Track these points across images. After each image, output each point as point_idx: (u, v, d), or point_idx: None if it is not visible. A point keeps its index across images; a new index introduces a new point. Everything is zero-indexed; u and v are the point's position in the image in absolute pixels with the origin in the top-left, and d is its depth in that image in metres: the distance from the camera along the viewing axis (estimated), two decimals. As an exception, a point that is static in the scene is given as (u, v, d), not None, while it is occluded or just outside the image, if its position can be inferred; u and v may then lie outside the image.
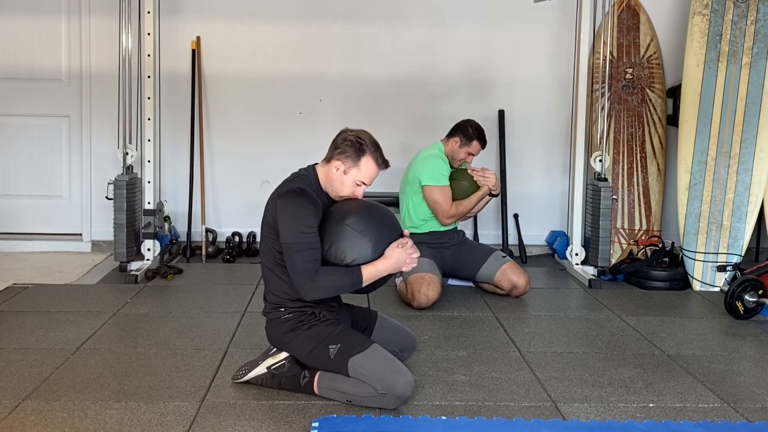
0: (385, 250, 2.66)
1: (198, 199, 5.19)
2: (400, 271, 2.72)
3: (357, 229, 2.64)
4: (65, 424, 2.46)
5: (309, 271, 2.59)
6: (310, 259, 2.59)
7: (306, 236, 2.59)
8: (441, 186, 4.11)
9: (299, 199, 2.63)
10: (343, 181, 2.71)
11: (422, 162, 4.17)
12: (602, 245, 4.54)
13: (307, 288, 2.60)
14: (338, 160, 2.69)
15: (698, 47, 4.58)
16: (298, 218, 2.61)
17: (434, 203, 4.12)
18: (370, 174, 2.72)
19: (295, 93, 5.24)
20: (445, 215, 4.12)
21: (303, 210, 2.61)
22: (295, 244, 2.59)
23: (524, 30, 5.27)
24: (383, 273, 2.67)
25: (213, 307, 3.90)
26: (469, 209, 4.17)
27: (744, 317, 3.82)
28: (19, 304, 3.89)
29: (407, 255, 2.69)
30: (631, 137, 5.05)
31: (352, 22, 5.24)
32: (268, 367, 2.75)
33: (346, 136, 2.72)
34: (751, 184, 4.48)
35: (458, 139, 4.21)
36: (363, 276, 2.62)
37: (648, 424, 2.55)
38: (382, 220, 2.73)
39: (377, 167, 2.73)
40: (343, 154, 2.68)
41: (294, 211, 2.62)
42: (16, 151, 5.24)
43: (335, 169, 2.70)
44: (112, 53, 4.87)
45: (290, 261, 2.61)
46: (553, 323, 3.76)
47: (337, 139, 2.74)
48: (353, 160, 2.68)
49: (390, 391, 2.55)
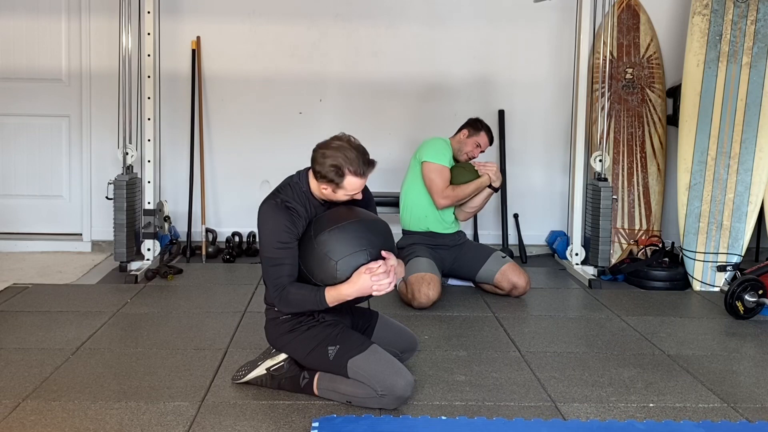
0: (353, 274, 2.58)
1: (198, 199, 5.19)
2: (370, 295, 2.62)
3: (324, 250, 2.58)
4: (65, 424, 2.46)
5: (278, 286, 2.62)
6: (282, 274, 2.61)
7: (280, 251, 2.60)
8: (440, 165, 4.11)
9: (278, 213, 2.62)
10: (335, 197, 2.68)
11: (426, 143, 4.21)
12: (602, 245, 4.54)
13: (277, 301, 2.65)
14: (321, 185, 2.65)
15: (698, 47, 4.58)
16: (274, 233, 2.61)
17: (431, 181, 4.10)
18: (357, 187, 2.66)
19: (295, 93, 5.24)
20: (439, 194, 4.08)
21: (280, 225, 2.61)
22: (269, 258, 2.63)
23: (524, 30, 5.28)
24: (347, 297, 2.59)
25: (213, 307, 3.90)
26: (466, 195, 4.13)
27: (744, 317, 3.82)
28: (19, 304, 3.89)
29: (373, 282, 2.56)
30: (631, 137, 5.05)
31: (352, 22, 5.24)
32: (267, 368, 2.75)
33: (324, 162, 2.59)
34: (751, 184, 4.48)
35: (466, 131, 4.26)
36: (326, 298, 2.59)
37: (648, 424, 2.55)
38: (354, 241, 2.60)
39: (363, 178, 2.66)
40: (325, 179, 2.62)
41: (272, 226, 2.63)
42: (16, 151, 5.24)
43: (324, 189, 2.66)
44: (112, 53, 4.87)
45: (264, 272, 2.67)
46: (553, 323, 3.76)
47: (316, 163, 2.62)
48: (336, 184, 2.62)
49: (390, 392, 2.55)
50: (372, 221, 2.72)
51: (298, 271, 2.65)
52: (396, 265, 2.67)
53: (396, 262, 2.67)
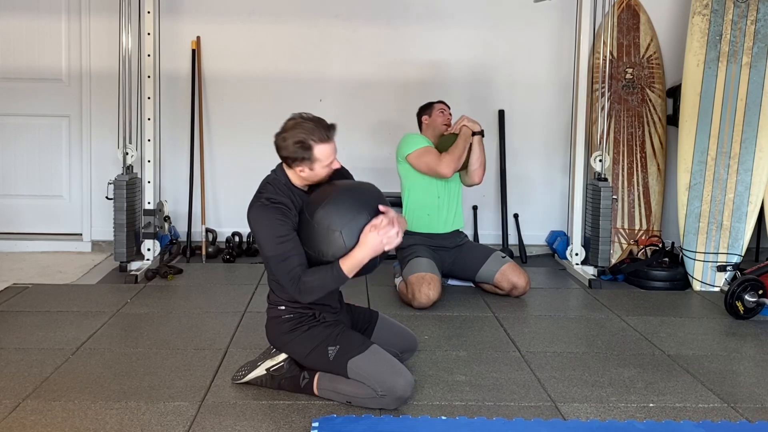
0: (360, 237, 2.59)
1: (198, 199, 5.19)
2: (384, 252, 2.62)
3: (325, 225, 2.59)
4: (65, 424, 2.46)
5: (294, 279, 2.59)
6: (293, 266, 2.58)
7: (282, 246, 2.59)
8: (423, 147, 4.11)
9: (268, 211, 2.62)
10: (317, 175, 2.68)
11: (400, 143, 4.20)
12: (602, 245, 4.54)
13: (297, 294, 2.61)
14: (297, 167, 2.66)
15: (698, 47, 4.58)
16: (270, 230, 2.60)
17: (425, 164, 4.08)
18: (330, 153, 2.66)
19: (295, 93, 5.23)
20: (439, 164, 4.03)
21: (273, 221, 2.60)
22: (274, 256, 2.60)
23: (524, 30, 5.28)
24: (364, 260, 2.59)
25: (213, 307, 3.90)
26: (461, 152, 4.06)
27: (744, 317, 3.82)
28: (19, 304, 3.89)
29: (381, 237, 2.57)
30: (631, 137, 5.05)
31: (352, 22, 5.25)
32: (267, 369, 2.75)
33: (286, 145, 2.63)
34: (751, 184, 4.48)
35: (425, 116, 4.34)
36: (343, 269, 2.57)
37: (648, 424, 2.55)
38: (350, 207, 2.61)
39: (330, 143, 2.66)
40: (296, 160, 2.63)
41: (266, 224, 2.61)
42: (16, 151, 5.24)
43: (301, 171, 2.67)
44: (112, 53, 4.88)
45: (276, 272, 2.63)
46: (553, 323, 3.76)
47: (281, 150, 2.66)
48: (310, 159, 2.63)
49: (390, 392, 2.55)
50: (358, 185, 2.75)
51: (308, 257, 2.62)
52: (397, 216, 2.67)
53: (395, 214, 2.67)
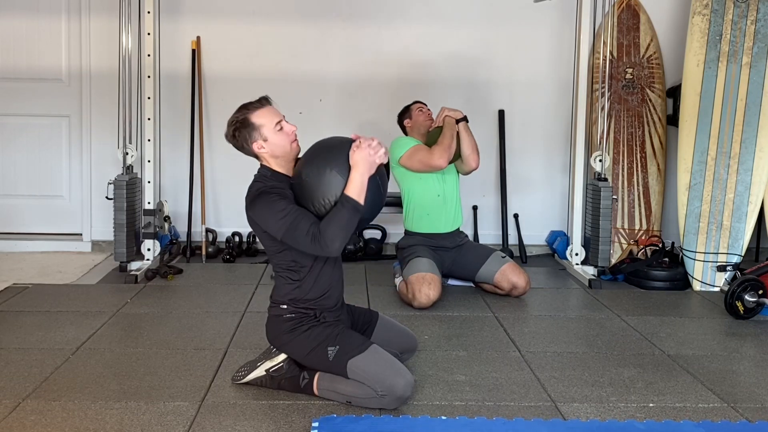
0: (349, 162, 2.61)
1: (198, 199, 5.19)
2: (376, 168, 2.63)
3: (315, 173, 2.61)
4: (65, 424, 2.46)
5: (314, 236, 2.56)
6: (307, 228, 2.56)
7: (287, 218, 2.58)
8: (412, 146, 4.11)
9: (262, 199, 2.63)
10: (277, 144, 2.69)
11: (390, 149, 4.18)
12: (602, 245, 4.54)
13: (326, 246, 2.55)
14: (254, 145, 2.69)
15: (698, 47, 4.58)
16: (272, 210, 2.60)
17: (419, 161, 4.08)
18: (269, 114, 2.70)
19: (295, 93, 5.23)
20: (431, 157, 4.02)
21: (272, 199, 2.62)
22: (287, 230, 2.58)
23: (524, 30, 5.28)
24: (364, 178, 2.59)
25: (213, 307, 3.90)
26: (449, 141, 4.04)
27: (744, 317, 3.81)
28: (19, 304, 3.89)
29: (367, 149, 2.60)
30: (631, 137, 5.05)
31: (352, 22, 5.25)
32: (266, 369, 2.75)
33: (233, 133, 2.71)
34: (751, 184, 4.48)
35: (407, 120, 4.34)
36: (352, 197, 2.56)
37: (648, 424, 2.55)
38: (327, 149, 2.68)
39: (264, 106, 2.72)
40: (249, 139, 2.68)
41: (266, 208, 2.62)
42: (16, 151, 5.24)
43: (263, 148, 2.68)
44: (112, 53, 4.87)
45: (295, 243, 2.60)
46: (553, 323, 3.76)
47: (236, 141, 2.73)
48: (256, 130, 2.67)
49: (390, 392, 2.55)
50: (322, 140, 2.79)
51: (318, 216, 2.61)
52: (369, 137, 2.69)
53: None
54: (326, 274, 2.77)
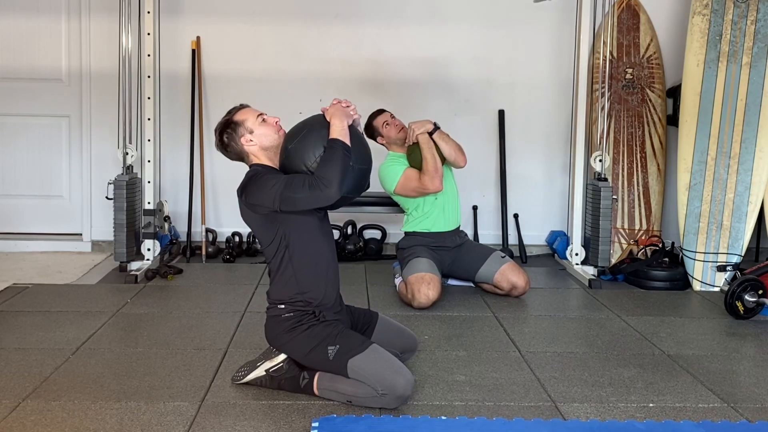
0: (327, 118, 2.71)
1: (198, 199, 5.19)
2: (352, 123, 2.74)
3: (298, 140, 2.68)
4: (65, 424, 2.46)
5: (312, 183, 2.57)
6: (302, 180, 2.59)
7: (281, 181, 2.62)
8: (400, 176, 4.07)
9: (252, 180, 2.70)
10: (264, 133, 2.75)
11: (380, 180, 4.14)
12: (602, 245, 4.54)
13: (324, 187, 2.56)
14: (242, 140, 2.75)
15: (698, 47, 4.58)
16: (264, 184, 2.65)
17: (413, 191, 4.08)
18: (251, 111, 2.79)
19: (295, 93, 5.23)
20: (425, 187, 4.01)
21: (261, 180, 2.67)
22: (283, 190, 2.60)
23: (524, 30, 5.28)
24: (344, 124, 2.67)
25: (213, 307, 3.90)
26: (433, 162, 3.99)
27: (744, 317, 3.81)
28: (19, 304, 3.89)
29: (339, 105, 2.75)
30: (631, 137, 5.05)
31: (352, 22, 5.25)
32: (266, 370, 2.75)
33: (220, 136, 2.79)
34: (751, 184, 4.48)
35: (378, 137, 4.23)
36: (338, 138, 2.62)
37: (648, 424, 2.55)
38: (300, 124, 2.77)
39: (242, 107, 2.82)
40: (236, 136, 2.75)
41: (257, 185, 2.67)
42: (16, 151, 5.24)
43: (251, 141, 2.75)
44: (112, 53, 4.87)
45: (294, 200, 2.60)
46: (553, 323, 3.76)
47: (225, 144, 2.79)
48: (240, 125, 2.75)
49: (390, 391, 2.55)
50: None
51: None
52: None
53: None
54: (321, 270, 2.77)
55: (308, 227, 2.74)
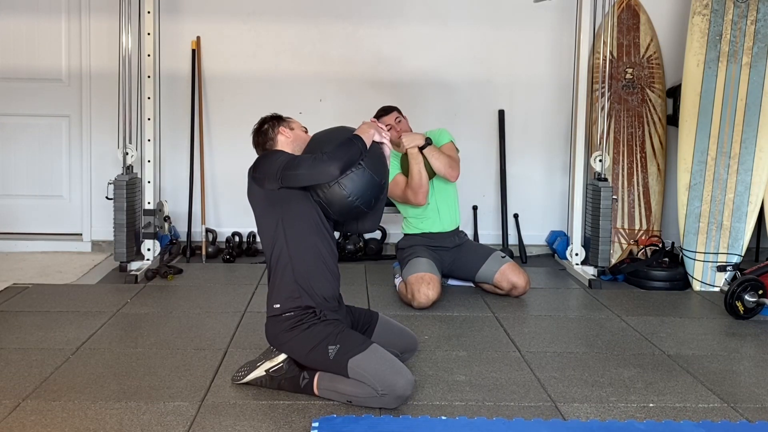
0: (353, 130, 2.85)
1: (198, 199, 5.19)
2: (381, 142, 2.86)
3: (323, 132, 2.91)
4: (65, 424, 2.46)
5: (316, 157, 2.68)
6: (309, 157, 2.71)
7: (288, 156, 2.74)
8: (392, 180, 4.02)
9: (264, 156, 2.82)
10: (300, 137, 2.92)
11: None
12: (602, 245, 4.54)
13: (324, 163, 2.65)
14: (279, 130, 2.88)
15: (698, 47, 4.58)
16: (274, 158, 2.75)
17: (397, 196, 4.09)
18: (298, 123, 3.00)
19: (295, 93, 5.23)
20: (410, 200, 4.05)
21: (273, 156, 2.79)
22: (287, 162, 2.69)
23: (524, 30, 5.28)
24: (370, 133, 2.80)
25: (213, 307, 3.90)
26: (418, 177, 3.98)
27: (744, 317, 3.82)
28: (19, 304, 3.89)
29: (375, 122, 2.93)
30: (631, 137, 5.05)
31: (352, 22, 5.25)
32: (266, 370, 2.75)
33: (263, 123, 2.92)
34: (751, 184, 4.48)
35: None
36: (359, 135, 2.77)
37: (648, 424, 2.55)
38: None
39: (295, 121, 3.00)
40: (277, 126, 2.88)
41: (267, 159, 2.77)
42: (16, 151, 5.24)
43: (287, 135, 2.87)
44: (112, 53, 4.87)
45: (295, 174, 2.68)
46: (553, 323, 3.76)
47: (262, 130, 2.90)
48: (285, 122, 2.92)
49: (390, 391, 2.55)
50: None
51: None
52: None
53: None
54: (321, 267, 2.78)
55: (307, 220, 2.76)
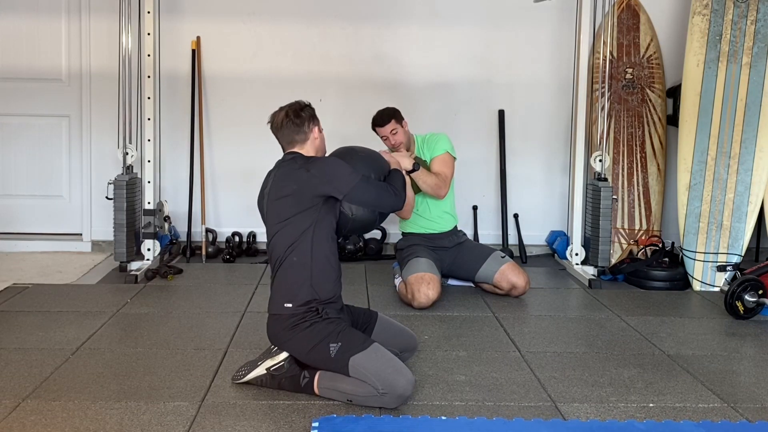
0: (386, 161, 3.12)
1: (198, 199, 5.19)
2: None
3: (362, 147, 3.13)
4: (65, 424, 2.46)
5: (387, 189, 2.90)
6: (378, 183, 2.90)
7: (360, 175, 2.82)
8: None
9: (328, 159, 2.90)
10: (323, 141, 2.98)
11: None
12: (602, 245, 4.54)
13: (395, 197, 2.92)
14: (315, 129, 2.93)
15: (698, 47, 4.58)
16: (343, 166, 2.83)
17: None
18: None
19: (295, 93, 5.18)
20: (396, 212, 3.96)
21: (338, 162, 2.87)
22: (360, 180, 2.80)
23: (524, 30, 5.27)
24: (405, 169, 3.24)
25: (213, 307, 3.90)
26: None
27: (744, 317, 3.82)
28: (19, 304, 3.89)
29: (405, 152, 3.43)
30: (631, 137, 5.05)
31: (352, 22, 5.25)
32: (267, 368, 2.75)
33: (303, 107, 2.96)
34: (751, 184, 4.48)
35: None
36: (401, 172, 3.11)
37: (648, 424, 2.55)
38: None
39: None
40: (315, 121, 2.94)
41: (334, 164, 2.85)
42: (16, 151, 5.24)
43: (318, 135, 2.93)
44: (112, 53, 4.87)
45: (369, 193, 2.85)
46: (553, 323, 3.76)
47: (303, 114, 2.92)
48: (319, 122, 2.97)
49: (391, 391, 2.55)
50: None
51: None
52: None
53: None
54: (334, 266, 2.80)
55: (331, 225, 2.84)
